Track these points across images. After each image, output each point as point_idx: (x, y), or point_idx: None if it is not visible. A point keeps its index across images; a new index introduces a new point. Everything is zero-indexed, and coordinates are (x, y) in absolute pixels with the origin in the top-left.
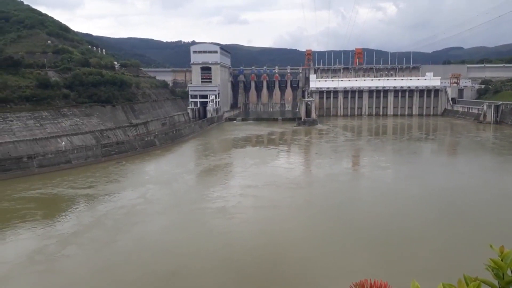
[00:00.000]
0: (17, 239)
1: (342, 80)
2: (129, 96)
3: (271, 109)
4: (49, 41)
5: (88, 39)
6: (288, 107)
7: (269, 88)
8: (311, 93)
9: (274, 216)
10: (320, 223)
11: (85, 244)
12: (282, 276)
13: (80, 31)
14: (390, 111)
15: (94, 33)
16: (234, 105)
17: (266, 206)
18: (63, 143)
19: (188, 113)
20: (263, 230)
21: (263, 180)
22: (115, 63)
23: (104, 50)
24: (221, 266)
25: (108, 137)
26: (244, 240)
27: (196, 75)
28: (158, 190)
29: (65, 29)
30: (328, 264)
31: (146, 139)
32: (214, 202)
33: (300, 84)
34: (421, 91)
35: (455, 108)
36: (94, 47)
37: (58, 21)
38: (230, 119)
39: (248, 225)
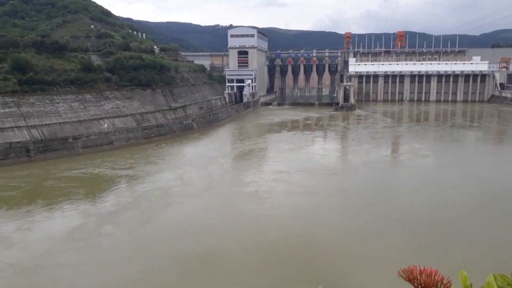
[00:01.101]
0: (60, 216)
1: (382, 64)
2: (168, 80)
3: (308, 94)
4: (92, 26)
5: (128, 23)
6: (326, 91)
7: (306, 72)
8: (350, 77)
9: (306, 202)
10: (355, 211)
11: (122, 224)
12: (314, 262)
13: (121, 16)
14: (433, 96)
15: (135, 18)
16: (270, 90)
17: (298, 192)
18: (106, 125)
19: (224, 97)
20: (295, 215)
21: (296, 166)
22: (155, 47)
23: (144, 34)
24: (253, 250)
25: (148, 120)
26: (276, 225)
27: (233, 59)
28: (194, 173)
29: (107, 13)
30: (363, 252)
31: (184, 123)
32: (247, 186)
33: (339, 68)
34: (466, 76)
35: (504, 94)
36: (135, 32)
37: (100, 6)
38: (266, 104)
39: (280, 210)
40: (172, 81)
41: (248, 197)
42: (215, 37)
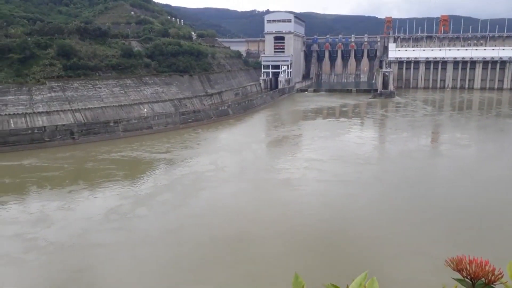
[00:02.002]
0: (98, 197)
1: (424, 50)
2: (205, 66)
3: (345, 80)
4: (132, 12)
5: (167, 9)
6: (364, 78)
7: (343, 58)
8: (390, 63)
9: (338, 191)
10: (389, 201)
11: (156, 206)
12: (344, 249)
13: (160, 2)
14: (477, 84)
15: (173, 4)
16: (306, 76)
17: (331, 180)
18: (145, 110)
19: (260, 83)
20: (326, 203)
21: (330, 154)
22: (192, 33)
23: (182, 20)
24: (284, 235)
25: (186, 105)
26: (306, 212)
27: (269, 45)
28: (227, 158)
29: (147, 0)
30: (397, 242)
31: (220, 109)
32: (279, 173)
33: (378, 54)
34: None
35: None
36: (173, 18)
37: None
38: (302, 90)
39: (311, 198)
40: (209, 67)
41: (280, 183)
42: (252, 23)
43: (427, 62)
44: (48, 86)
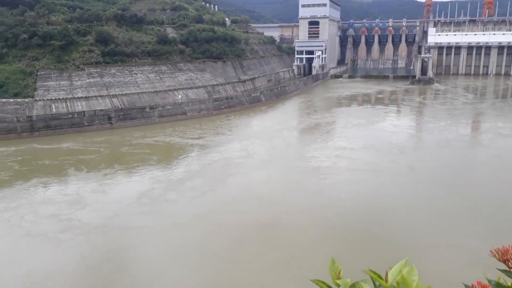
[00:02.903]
0: (131, 181)
1: (466, 34)
2: (238, 52)
3: (382, 66)
4: None
5: None
6: (401, 64)
7: (380, 43)
8: (429, 49)
9: (369, 180)
10: (423, 192)
11: (186, 191)
12: (378, 239)
13: None
14: None
15: None
16: (341, 61)
17: (362, 169)
18: (180, 96)
19: (293, 69)
20: (356, 192)
21: (363, 142)
22: (226, 19)
23: (216, 6)
24: (315, 223)
25: (219, 91)
26: (336, 201)
27: (303, 30)
28: (258, 145)
29: None
30: (431, 233)
31: (252, 95)
32: (309, 161)
33: (417, 39)
34: None
35: None
36: (207, 4)
37: None
38: (336, 76)
39: (341, 187)
40: (242, 53)
41: (310, 171)
42: (286, 8)
43: (469, 47)
44: (87, 72)
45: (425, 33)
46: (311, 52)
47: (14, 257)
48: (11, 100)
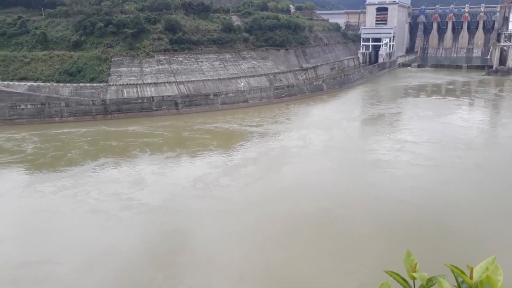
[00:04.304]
0: (189, 165)
1: None
2: (302, 40)
3: (455, 55)
4: None
5: None
6: (477, 53)
7: (454, 30)
8: (509, 37)
9: (431, 177)
10: (492, 191)
11: (239, 178)
12: (441, 239)
13: None
14: None
15: None
16: (410, 50)
17: (425, 164)
18: (242, 84)
19: (358, 57)
20: (416, 188)
21: (428, 136)
22: (291, 6)
23: None
24: (367, 218)
25: (280, 80)
26: (394, 196)
27: (370, 17)
28: (316, 135)
29: None
30: (498, 237)
31: (314, 84)
32: (368, 153)
33: (496, 26)
34: None
35: None
36: None
37: None
38: (404, 65)
39: (401, 182)
40: (305, 41)
41: (368, 164)
42: None
43: None
44: (156, 59)
45: (505, 20)
46: (378, 40)
47: (79, 231)
48: (88, 84)
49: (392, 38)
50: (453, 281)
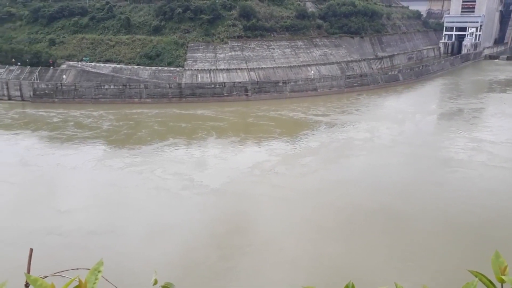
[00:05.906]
0: (250, 151)
1: None
2: (378, 27)
3: None
4: None
5: None
6: None
7: None
8: None
9: (508, 179)
10: None
11: (296, 167)
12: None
13: None
14: None
15: None
16: (499, 40)
17: (502, 166)
18: (312, 72)
19: (439, 47)
20: (489, 191)
21: (508, 136)
22: None
23: None
24: (430, 217)
25: (353, 68)
26: (462, 197)
27: (456, 4)
28: (385, 128)
29: None
30: None
31: (389, 74)
32: (438, 151)
33: None
34: None
35: None
36: None
37: None
38: (491, 57)
39: (473, 183)
40: (382, 28)
41: (439, 162)
42: None
43: None
44: (229, 45)
45: None
46: (463, 29)
47: (143, 206)
48: (165, 68)
49: (479, 28)
50: None
